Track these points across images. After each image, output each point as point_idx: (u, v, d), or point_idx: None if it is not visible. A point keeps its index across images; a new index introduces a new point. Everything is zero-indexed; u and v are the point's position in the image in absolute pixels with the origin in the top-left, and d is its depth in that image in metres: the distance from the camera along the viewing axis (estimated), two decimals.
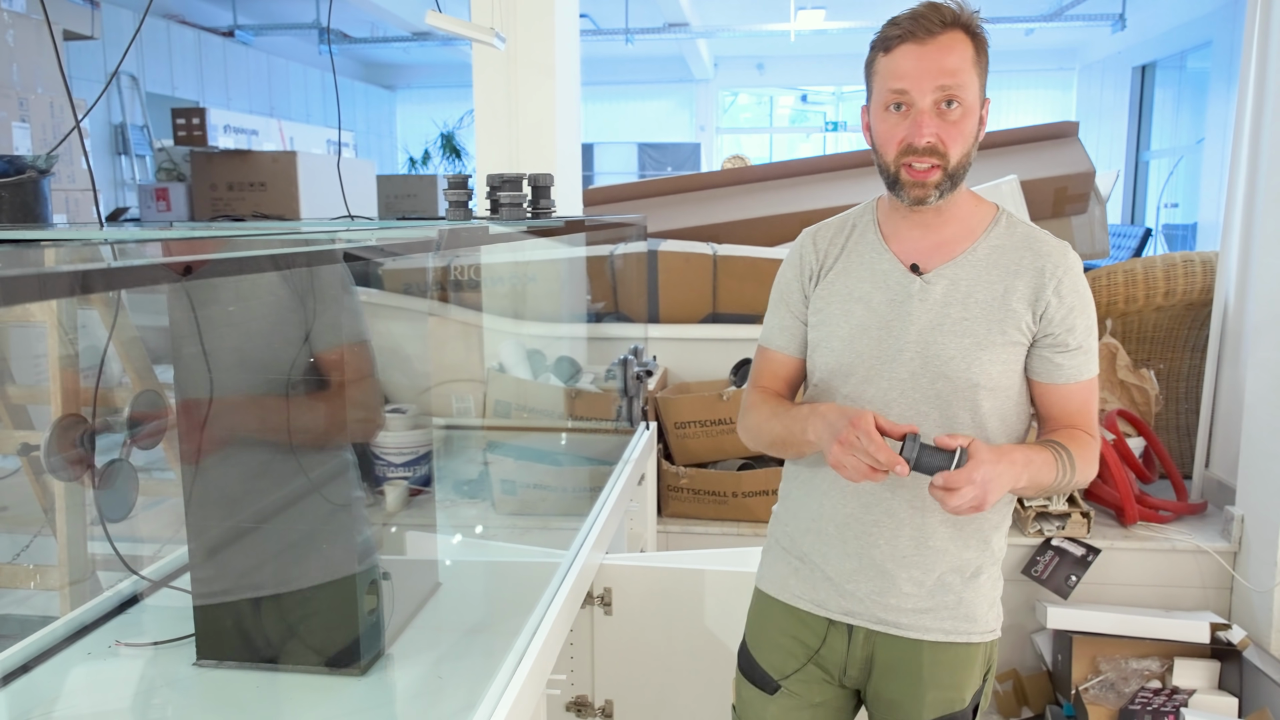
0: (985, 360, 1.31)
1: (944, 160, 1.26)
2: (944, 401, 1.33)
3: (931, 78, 1.24)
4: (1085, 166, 3.48)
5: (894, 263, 1.36)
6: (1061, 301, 1.32)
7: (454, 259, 3.04)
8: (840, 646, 1.43)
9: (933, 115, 1.25)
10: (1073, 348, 1.33)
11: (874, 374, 1.35)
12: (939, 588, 1.38)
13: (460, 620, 1.67)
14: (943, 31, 1.25)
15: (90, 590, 1.74)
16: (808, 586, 1.44)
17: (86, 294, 1.22)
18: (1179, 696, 2.52)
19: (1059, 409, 1.37)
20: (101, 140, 6.67)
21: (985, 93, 1.31)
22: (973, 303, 1.32)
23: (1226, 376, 3.07)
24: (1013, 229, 1.37)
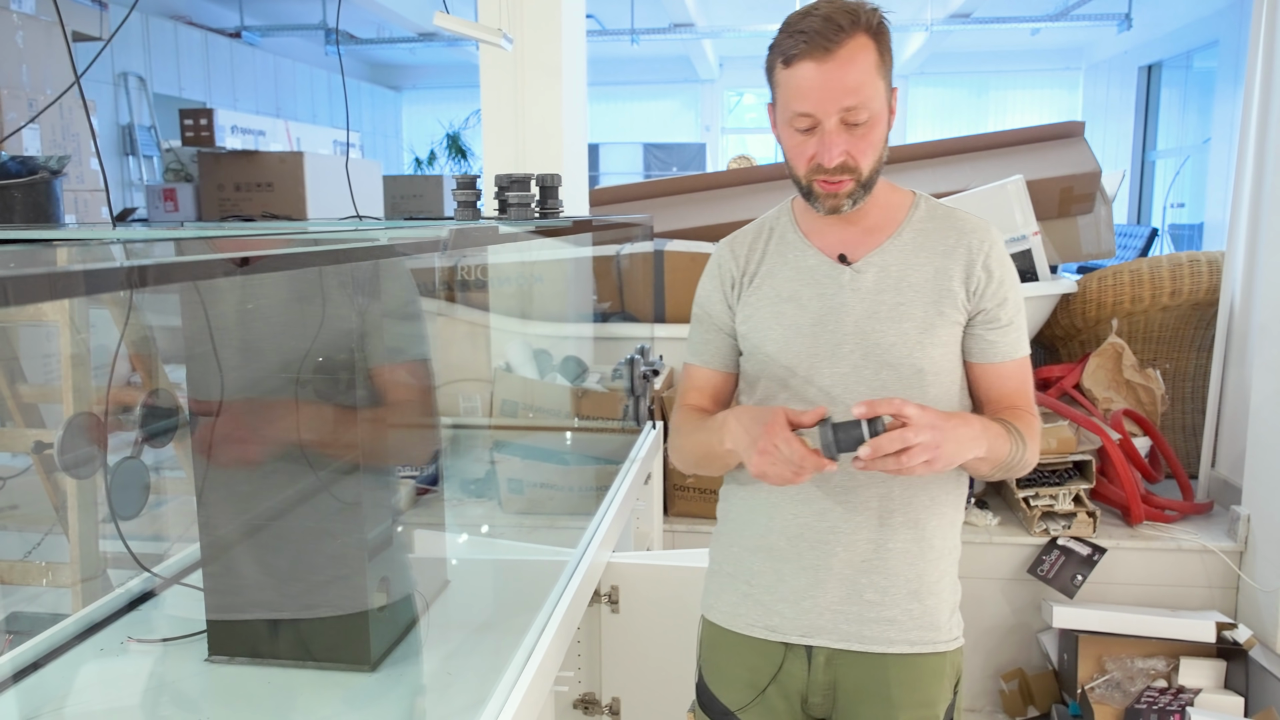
0: (928, 344, 1.29)
1: (856, 173, 1.24)
2: (889, 392, 1.29)
3: (835, 99, 1.19)
4: (1091, 166, 3.48)
5: (820, 257, 1.34)
6: (991, 276, 1.30)
7: (461, 259, 3.05)
8: (799, 672, 1.37)
9: (839, 133, 1.21)
10: (1005, 323, 1.32)
11: (814, 373, 1.32)
12: (903, 594, 1.34)
13: (469, 618, 1.68)
14: (843, 43, 1.18)
15: (101, 587, 1.75)
16: (761, 611, 1.38)
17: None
18: (1185, 696, 2.52)
19: (998, 390, 1.35)
20: (109, 141, 6.70)
21: (892, 81, 1.26)
22: (906, 286, 1.30)
23: (1232, 376, 3.07)
24: (933, 211, 1.36)
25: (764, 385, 1.36)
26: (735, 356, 1.43)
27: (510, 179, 1.75)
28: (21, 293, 0.56)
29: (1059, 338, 3.48)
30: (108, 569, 1.78)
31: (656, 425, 2.75)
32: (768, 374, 1.35)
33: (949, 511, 1.37)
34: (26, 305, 0.58)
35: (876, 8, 1.23)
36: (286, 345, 1.39)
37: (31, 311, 1.88)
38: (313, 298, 1.37)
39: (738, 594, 1.40)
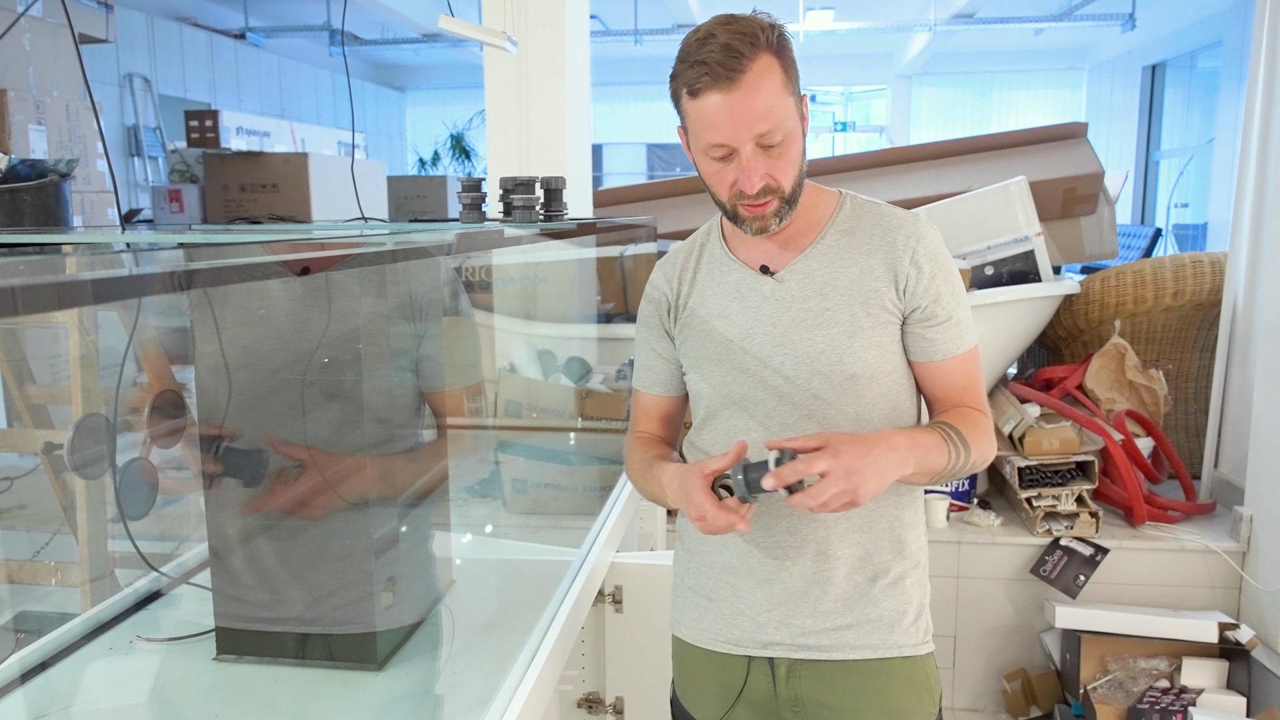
0: (857, 347, 1.26)
1: (779, 191, 1.21)
2: (823, 401, 1.27)
3: (747, 127, 1.16)
4: (1094, 167, 3.49)
5: (744, 270, 1.32)
6: (920, 272, 1.26)
7: (465, 260, 3.07)
8: (764, 685, 1.35)
9: (757, 158, 1.18)
10: (942, 319, 1.27)
11: (749, 390, 1.29)
12: (856, 598, 1.31)
13: (474, 617, 1.70)
14: (746, 70, 1.14)
15: (110, 587, 1.77)
16: (722, 626, 1.36)
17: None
18: (1187, 696, 2.53)
19: (942, 387, 1.31)
20: (114, 142, 6.72)
21: (801, 88, 1.23)
22: (831, 291, 1.27)
23: (1235, 377, 3.08)
24: (859, 210, 1.32)
25: (705, 404, 1.35)
26: (679, 378, 1.41)
27: (515, 182, 1.76)
28: (41, 300, 0.57)
29: (1062, 338, 3.49)
30: (116, 569, 1.79)
31: None
32: (708, 393, 1.33)
33: (904, 515, 1.33)
34: (42, 312, 0.59)
35: (773, 23, 1.19)
36: (281, 354, 1.40)
37: (40, 314, 1.89)
38: (306, 307, 1.38)
39: (699, 609, 1.39)
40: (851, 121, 12.14)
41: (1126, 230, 6.53)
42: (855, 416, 1.27)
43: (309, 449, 1.40)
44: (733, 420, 1.31)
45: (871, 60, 11.31)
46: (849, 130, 12.08)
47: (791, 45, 1.21)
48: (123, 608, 1.59)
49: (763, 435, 1.28)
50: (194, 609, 1.53)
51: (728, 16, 1.18)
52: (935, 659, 1.38)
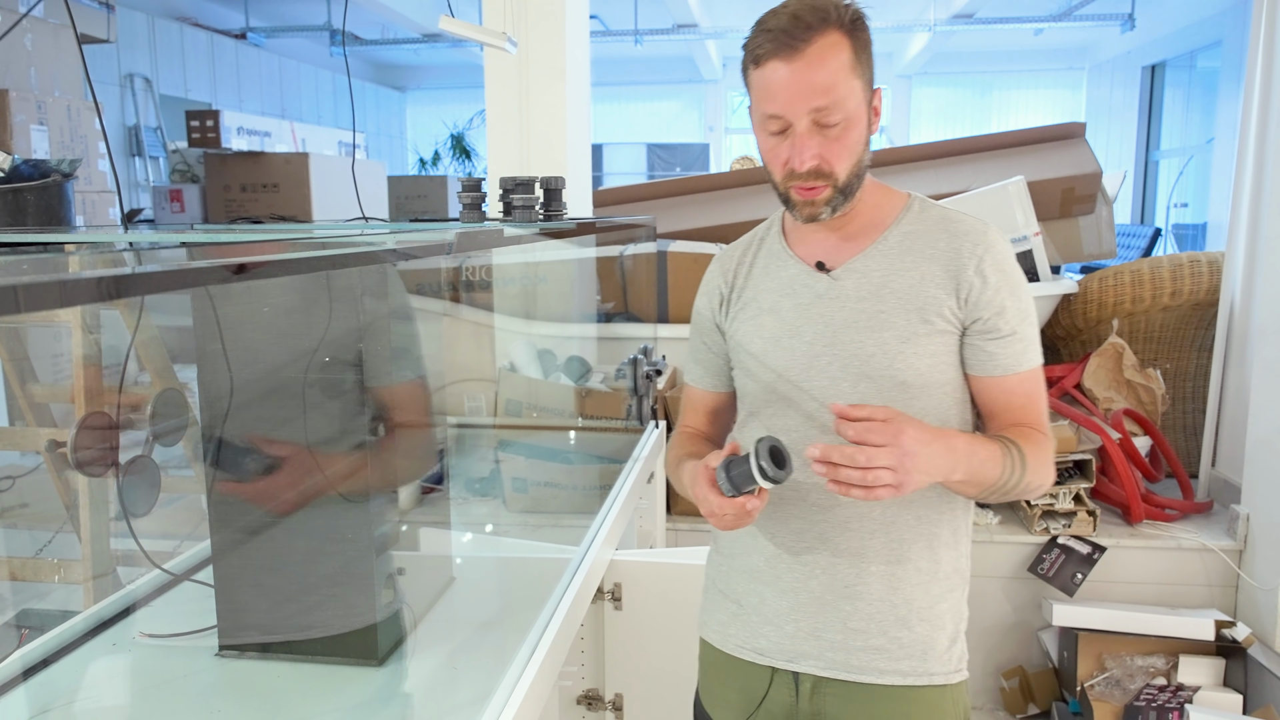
0: (910, 354, 1.20)
1: (831, 178, 1.17)
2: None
3: (804, 99, 1.12)
4: (1092, 167, 3.50)
5: (799, 265, 1.27)
6: (985, 282, 1.19)
7: (466, 260, 3.08)
8: (786, 698, 1.29)
9: (812, 135, 1.14)
10: (1005, 333, 1.20)
11: (794, 389, 1.25)
12: (891, 621, 1.24)
13: (474, 614, 1.71)
14: (811, 42, 1.11)
15: (112, 584, 1.78)
16: (748, 634, 1.32)
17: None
18: (1184, 693, 2.54)
19: (1001, 405, 1.24)
20: (115, 142, 6.73)
21: (875, 81, 1.19)
22: (887, 294, 1.21)
23: (1233, 376, 3.09)
24: (926, 213, 1.26)
25: (750, 401, 1.32)
26: (729, 374, 1.37)
27: (515, 182, 1.77)
28: (43, 299, 0.58)
29: (1060, 338, 3.50)
30: (118, 566, 1.81)
31: (659, 425, 2.77)
32: (753, 389, 1.30)
33: (942, 532, 1.26)
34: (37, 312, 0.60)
35: (852, 3, 1.16)
36: (283, 353, 1.41)
37: (42, 313, 1.91)
38: (308, 305, 1.39)
39: (728, 613, 1.35)
40: None
41: (1126, 230, 6.55)
42: None
43: (276, 443, 1.40)
44: (774, 420, 1.27)
45: (873, 60, 11.31)
46: None
47: (868, 31, 1.17)
48: (125, 604, 1.60)
49: (803, 437, 1.24)
50: (196, 605, 1.55)
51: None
52: (968, 686, 1.33)
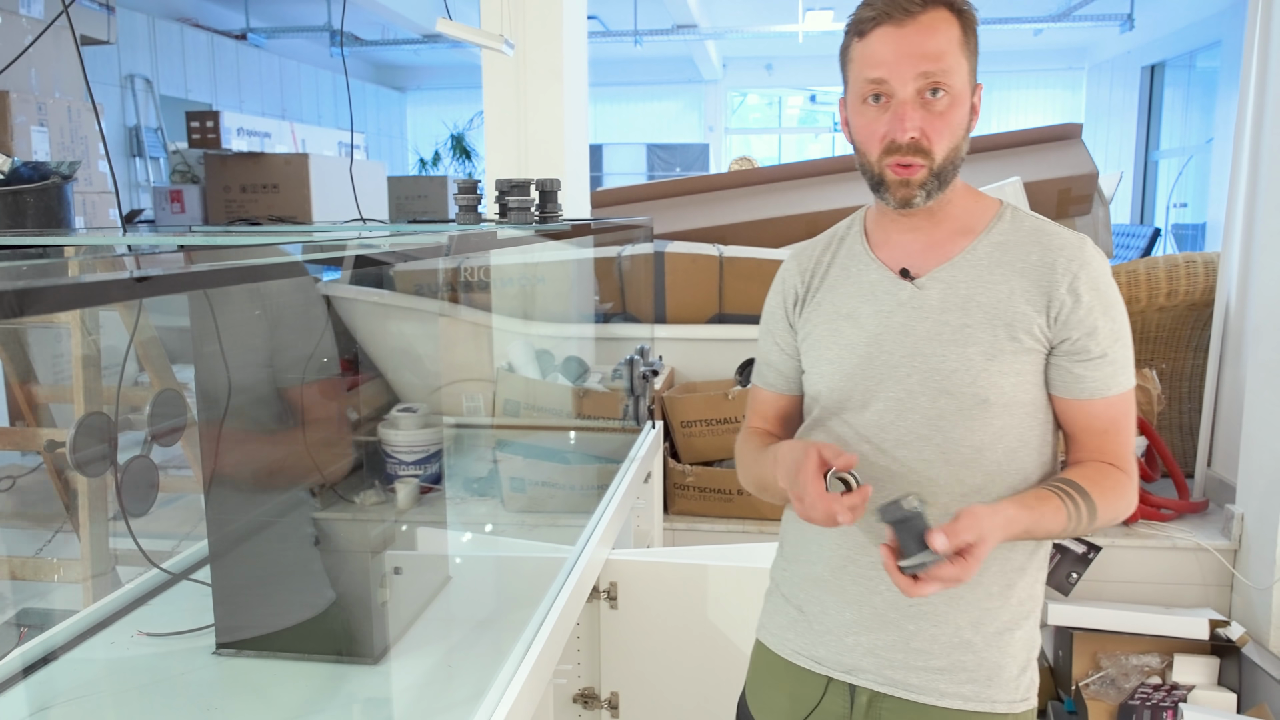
0: (994, 372, 1.14)
1: (929, 158, 1.12)
2: (946, 422, 1.16)
3: (912, 63, 1.09)
4: (1088, 168, 3.51)
5: (882, 271, 1.22)
6: (1079, 301, 1.13)
7: (464, 261, 3.09)
8: (839, 709, 1.26)
9: (916, 106, 1.10)
10: (1095, 355, 1.14)
11: (868, 397, 1.20)
12: (956, 644, 1.19)
13: (469, 613, 1.72)
14: (924, 10, 1.09)
15: (111, 583, 1.79)
16: (806, 641, 1.28)
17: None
18: (1178, 692, 2.55)
19: (1084, 430, 1.18)
20: (115, 142, 6.75)
21: (977, 77, 1.16)
22: (974, 306, 1.16)
23: (1228, 376, 3.10)
24: (1019, 223, 1.20)
25: (818, 408, 1.26)
26: (799, 376, 1.32)
27: (510, 184, 1.79)
28: (42, 303, 0.59)
29: None
30: (117, 565, 1.82)
31: (656, 425, 2.78)
32: (822, 396, 1.25)
33: (1016, 557, 1.20)
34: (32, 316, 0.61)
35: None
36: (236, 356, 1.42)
37: (39, 315, 1.92)
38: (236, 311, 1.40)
39: (788, 619, 1.32)
40: None
41: (1125, 230, 6.56)
42: (977, 445, 1.16)
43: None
44: (843, 430, 1.22)
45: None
46: None
47: (976, 22, 1.14)
48: (124, 603, 1.62)
49: (873, 450, 1.19)
50: (194, 604, 1.56)
51: None
52: (1033, 716, 1.25)
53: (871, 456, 1.19)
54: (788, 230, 3.75)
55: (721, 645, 1.98)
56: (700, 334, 3.35)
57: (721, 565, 1.99)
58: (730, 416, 2.99)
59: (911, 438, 1.18)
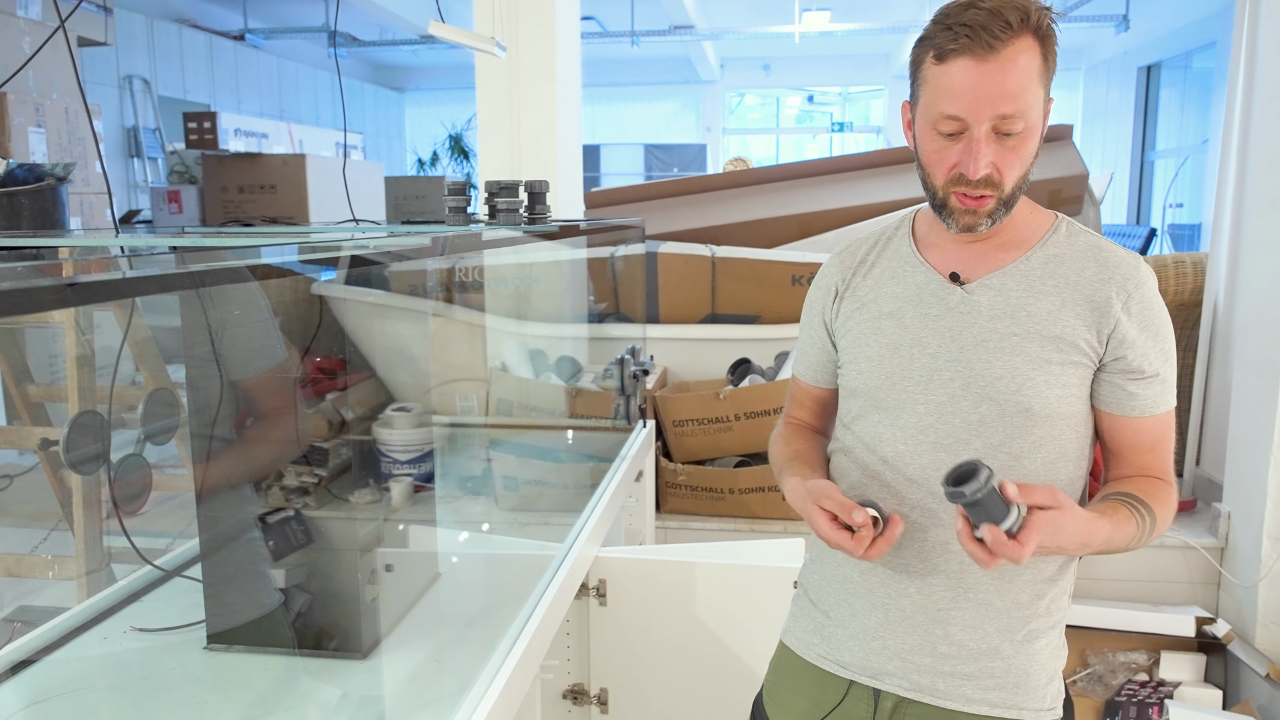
0: (1040, 382, 1.14)
1: (999, 189, 1.11)
2: (987, 429, 1.16)
3: (991, 105, 1.06)
4: (1079, 169, 3.53)
5: (930, 273, 1.21)
6: (1132, 320, 1.13)
7: (458, 261, 3.12)
8: (861, 713, 1.25)
9: (989, 142, 1.08)
10: (1149, 375, 1.15)
11: (908, 398, 1.19)
12: (984, 651, 1.19)
13: (458, 609, 1.74)
14: (1009, 42, 1.05)
15: (105, 580, 1.82)
16: (831, 646, 1.28)
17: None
18: (1165, 689, 2.57)
19: (1129, 445, 1.18)
20: (114, 143, 6.78)
21: (1050, 91, 1.13)
22: (1024, 316, 1.15)
23: (1216, 376, 3.12)
24: (1074, 238, 1.19)
25: (855, 405, 1.26)
26: (837, 371, 1.32)
27: (499, 185, 1.81)
28: (34, 302, 0.62)
29: None
30: (112, 562, 1.84)
31: (647, 424, 2.80)
32: (859, 392, 1.25)
33: (1048, 568, 1.20)
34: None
35: (1048, 7, 1.09)
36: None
37: (38, 314, 1.94)
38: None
39: (814, 622, 1.32)
40: (849, 121, 12.20)
41: (1121, 230, 6.58)
42: (1016, 453, 1.16)
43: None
44: (880, 429, 1.22)
45: (869, 61, 11.36)
46: (846, 130, 12.14)
47: (1056, 37, 1.11)
48: (117, 599, 1.64)
49: (910, 451, 1.20)
50: (187, 600, 1.58)
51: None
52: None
53: (908, 457, 1.20)
54: (781, 231, 3.77)
55: (711, 642, 2.00)
56: (693, 334, 3.38)
57: (709, 562, 2.01)
58: (722, 416, 3.01)
59: (951, 441, 1.17)
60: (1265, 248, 2.69)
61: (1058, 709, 1.23)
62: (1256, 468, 2.67)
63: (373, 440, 2.51)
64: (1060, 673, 1.25)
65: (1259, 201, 2.75)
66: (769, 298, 3.36)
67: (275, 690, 1.42)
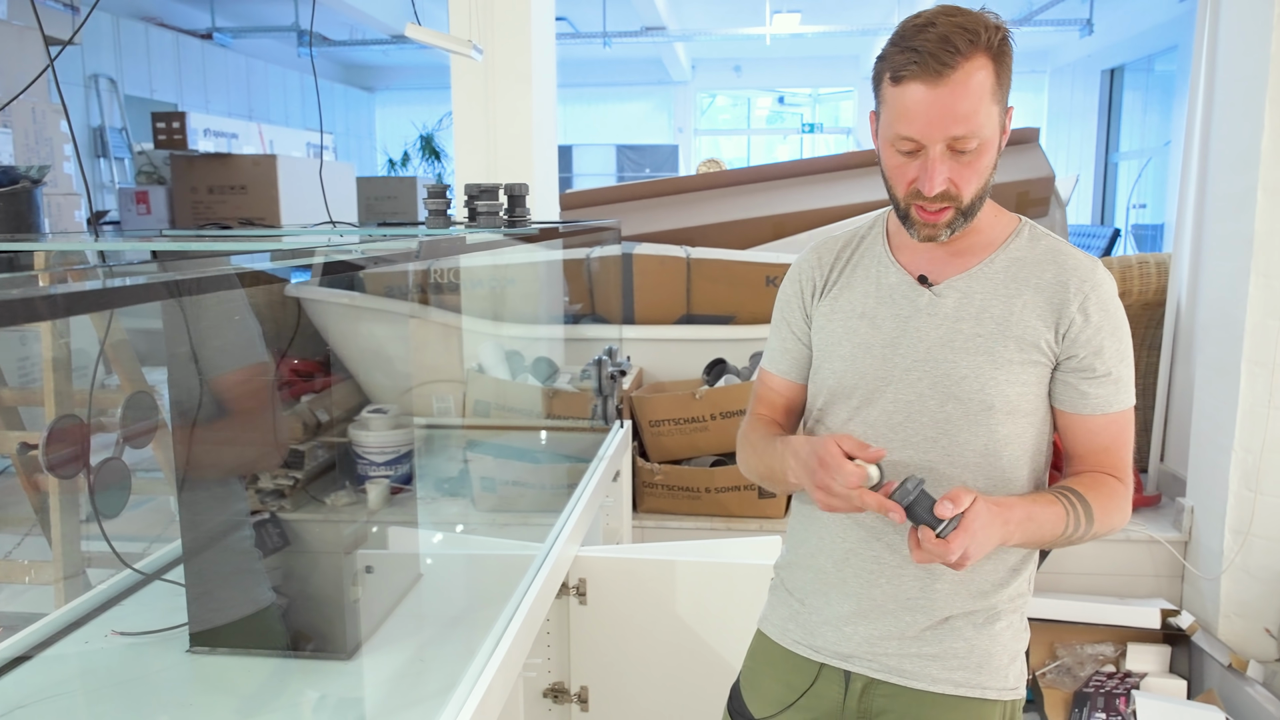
0: (1001, 380, 1.19)
1: (957, 201, 1.15)
2: (953, 425, 1.21)
3: (943, 128, 1.11)
4: (1045, 171, 3.60)
5: (901, 275, 1.26)
6: (1088, 321, 1.19)
7: (434, 263, 3.12)
8: (833, 694, 1.31)
9: (944, 160, 1.13)
10: (1100, 374, 1.19)
11: (876, 394, 1.24)
12: (948, 632, 1.25)
13: (440, 610, 1.76)
14: (957, 67, 1.09)
15: (83, 585, 1.81)
16: (806, 631, 1.33)
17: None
18: (1131, 679, 2.63)
19: (1084, 444, 1.23)
20: (80, 143, 6.68)
21: (1009, 100, 1.17)
22: (987, 317, 1.21)
23: (1179, 374, 3.20)
24: (1036, 241, 1.24)
25: (824, 400, 1.30)
26: (809, 366, 1.35)
27: (479, 188, 1.82)
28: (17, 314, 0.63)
29: None
30: (89, 567, 1.83)
31: (624, 424, 2.82)
32: (830, 390, 1.29)
33: (1011, 559, 1.26)
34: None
35: (1000, 25, 1.13)
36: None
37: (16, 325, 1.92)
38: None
39: (789, 610, 1.36)
40: (819, 123, 12.28)
41: (1086, 230, 6.69)
42: (981, 450, 1.21)
43: None
44: (850, 426, 1.26)
45: (839, 62, 11.45)
46: (817, 132, 12.22)
47: (1011, 51, 1.14)
48: (97, 604, 1.63)
49: (880, 445, 1.21)
50: (168, 604, 1.58)
51: (953, 8, 1.12)
52: (1021, 706, 1.31)
53: (894, 448, 1.23)
54: (755, 232, 3.80)
55: (689, 639, 2.02)
56: (668, 334, 3.40)
57: (688, 560, 2.03)
58: (698, 416, 3.04)
59: (919, 439, 1.22)
60: (1226, 248, 2.76)
61: (1020, 689, 1.29)
62: (1218, 464, 2.74)
63: (349, 442, 2.51)
64: (1023, 655, 1.30)
65: (1219, 202, 2.82)
66: (744, 298, 3.39)
67: (259, 692, 1.42)
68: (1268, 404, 2.59)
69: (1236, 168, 2.69)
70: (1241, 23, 2.68)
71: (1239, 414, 2.64)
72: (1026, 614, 1.31)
